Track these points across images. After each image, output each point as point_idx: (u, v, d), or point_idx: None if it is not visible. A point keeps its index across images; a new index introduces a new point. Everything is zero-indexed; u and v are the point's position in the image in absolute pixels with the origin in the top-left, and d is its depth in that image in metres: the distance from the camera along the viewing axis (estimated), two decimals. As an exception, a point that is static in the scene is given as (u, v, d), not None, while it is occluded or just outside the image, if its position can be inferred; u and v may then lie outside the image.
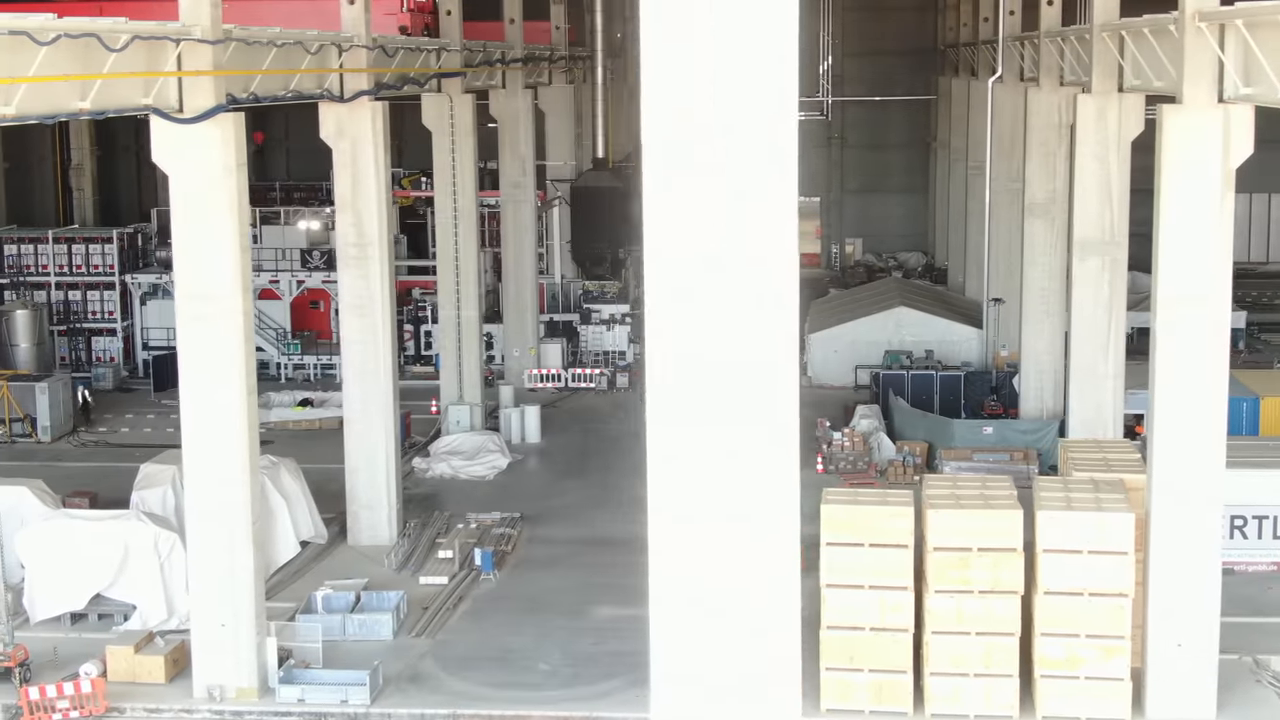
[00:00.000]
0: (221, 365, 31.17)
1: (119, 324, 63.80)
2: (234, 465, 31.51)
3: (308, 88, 37.91)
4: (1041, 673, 30.33)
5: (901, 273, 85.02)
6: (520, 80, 59.72)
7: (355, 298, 41.19)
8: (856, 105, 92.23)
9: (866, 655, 30.62)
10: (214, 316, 30.98)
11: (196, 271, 30.88)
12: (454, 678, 33.40)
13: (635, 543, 41.83)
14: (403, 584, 38.82)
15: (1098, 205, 38.92)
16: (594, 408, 58.93)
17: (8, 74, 23.79)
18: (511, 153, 59.75)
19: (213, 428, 31.38)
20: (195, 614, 32.09)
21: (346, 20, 40.16)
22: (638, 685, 32.75)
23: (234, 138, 30.79)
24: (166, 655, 32.98)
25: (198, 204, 30.69)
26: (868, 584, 30.49)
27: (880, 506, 30.55)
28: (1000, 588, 30.12)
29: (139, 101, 29.06)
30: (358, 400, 41.67)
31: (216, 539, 31.63)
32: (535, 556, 41.60)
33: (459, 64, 50.25)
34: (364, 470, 41.90)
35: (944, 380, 54.42)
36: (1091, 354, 39.45)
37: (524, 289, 60.84)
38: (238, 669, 31.99)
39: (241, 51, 32.35)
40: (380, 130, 40.63)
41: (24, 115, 24.60)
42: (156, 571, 35.91)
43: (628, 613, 36.98)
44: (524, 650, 35.01)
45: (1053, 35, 46.74)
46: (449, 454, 50.08)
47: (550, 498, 47.08)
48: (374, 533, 41.98)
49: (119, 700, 32.24)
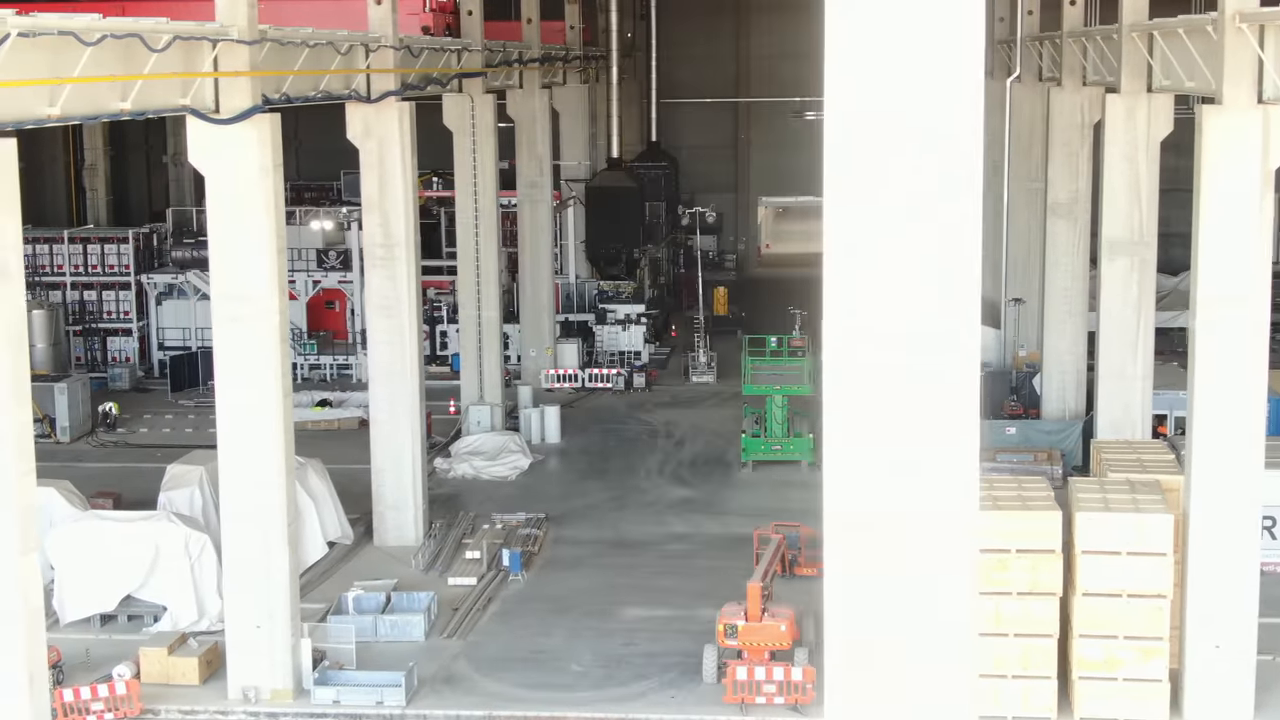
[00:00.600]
0: (257, 366, 31.09)
1: (134, 324, 63.73)
2: (270, 466, 31.46)
3: (335, 88, 37.85)
4: (1080, 674, 30.30)
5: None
6: (537, 80, 59.68)
7: (382, 298, 41.11)
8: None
9: (904, 657, 30.50)
10: (250, 318, 30.88)
11: (232, 272, 30.78)
12: (488, 679, 33.36)
13: (660, 544, 42.29)
14: (431, 585, 38.77)
15: (1126, 205, 38.88)
16: (612, 408, 58.87)
17: (52, 74, 23.73)
18: (529, 153, 59.69)
19: (248, 429, 31.31)
20: (230, 615, 32.04)
21: (374, 20, 40.10)
22: (671, 686, 32.83)
23: (270, 138, 30.74)
24: (200, 657, 32.94)
25: (234, 205, 30.60)
26: (905, 585, 30.36)
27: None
28: (1039, 589, 30.08)
29: (176, 102, 29.00)
30: (384, 401, 41.60)
31: (252, 540, 31.58)
32: (561, 557, 41.55)
33: (480, 64, 50.20)
34: (390, 470, 41.83)
35: (964, 380, 54.25)
36: (1120, 355, 39.40)
37: (540, 289, 60.76)
38: (273, 670, 31.95)
39: (274, 52, 32.29)
40: (407, 130, 40.60)
41: (68, 116, 24.54)
42: (187, 573, 35.84)
43: (657, 614, 37.14)
44: (555, 651, 34.97)
45: (1076, 35, 46.69)
46: (470, 454, 50.03)
47: (573, 498, 47.03)
48: (400, 533, 41.93)
49: (153, 702, 32.20)
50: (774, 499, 46.30)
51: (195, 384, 60.56)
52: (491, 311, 52.19)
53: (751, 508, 45.45)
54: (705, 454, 51.79)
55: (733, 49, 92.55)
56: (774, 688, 31.12)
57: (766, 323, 68.76)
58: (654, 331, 67.57)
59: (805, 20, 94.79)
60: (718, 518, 44.82)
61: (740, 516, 44.69)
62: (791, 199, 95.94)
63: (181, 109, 29.24)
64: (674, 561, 41.12)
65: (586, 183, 70.29)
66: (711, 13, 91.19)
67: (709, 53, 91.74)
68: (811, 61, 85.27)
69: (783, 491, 47.12)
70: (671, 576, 39.89)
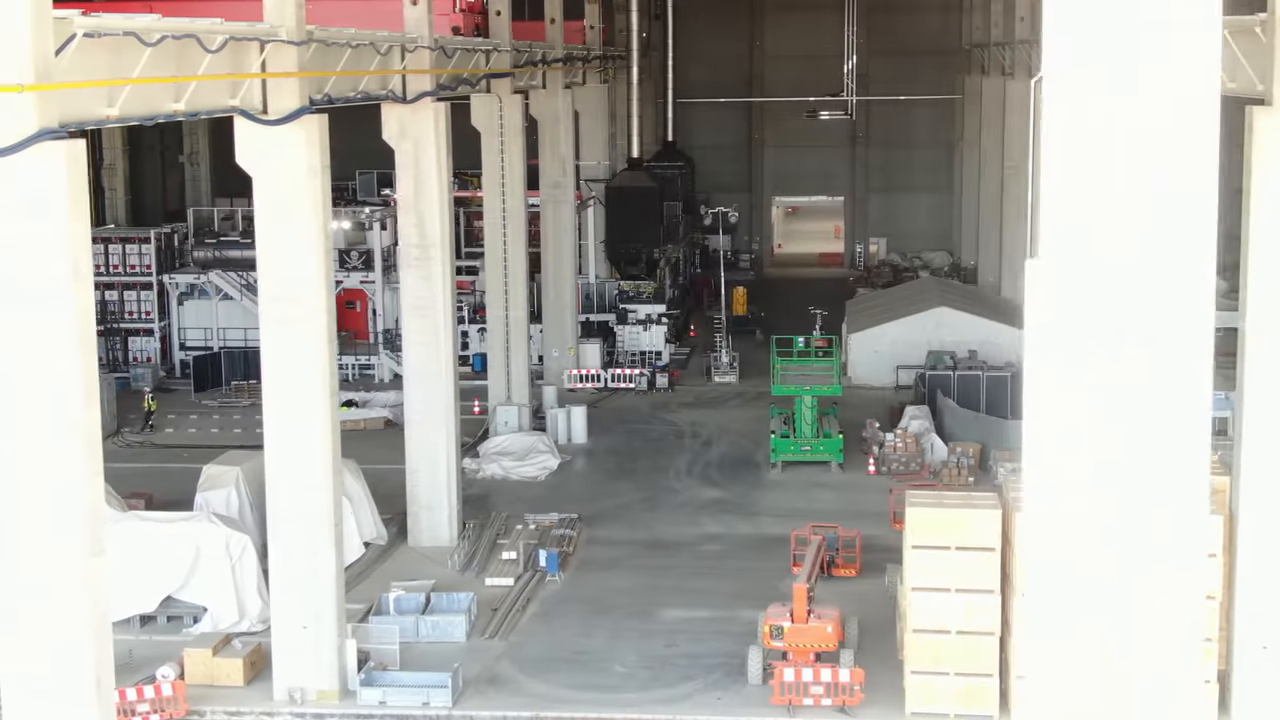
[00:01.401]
0: (305, 367, 31.06)
1: (156, 324, 63.70)
2: (317, 467, 31.43)
3: (373, 89, 37.82)
4: (1128, 675, 30.21)
5: (928, 272, 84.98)
6: (560, 80, 59.65)
7: (417, 299, 41.09)
8: (881, 104, 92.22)
9: (953, 658, 30.58)
10: (297, 319, 30.85)
11: (280, 274, 30.76)
12: (532, 680, 33.34)
13: (694, 545, 42.28)
14: (467, 585, 38.76)
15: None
16: (635, 408, 58.86)
17: (111, 74, 23.70)
18: (552, 153, 59.66)
19: (295, 430, 31.27)
20: (276, 616, 32.02)
21: (410, 21, 40.07)
22: (716, 688, 32.81)
23: (318, 139, 30.74)
24: (244, 658, 32.91)
25: (282, 206, 30.58)
26: (954, 587, 30.43)
27: (967, 509, 30.51)
28: (1088, 590, 29.99)
29: (226, 103, 28.97)
30: (419, 401, 41.59)
31: (298, 541, 31.56)
32: (596, 558, 41.53)
33: (509, 64, 50.18)
34: (424, 471, 41.82)
35: (990, 381, 54.34)
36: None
37: (563, 289, 60.70)
38: (319, 671, 31.93)
39: (318, 53, 32.26)
40: (443, 131, 40.57)
41: (126, 116, 24.53)
42: (228, 574, 35.83)
43: (696, 615, 37.12)
44: (597, 652, 34.96)
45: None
46: (499, 455, 50.02)
47: (603, 499, 47.01)
48: (434, 533, 41.93)
49: (198, 703, 32.18)
50: (805, 500, 46.33)
51: (218, 384, 60.58)
52: (519, 311, 52.19)
53: (783, 509, 45.47)
54: (733, 454, 51.77)
55: (746, 48, 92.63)
56: (822, 689, 31.11)
57: (786, 323, 68.80)
58: (674, 332, 67.54)
59: (818, 20, 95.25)
60: (750, 518, 44.80)
61: (772, 517, 44.70)
62: (805, 198, 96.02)
63: (230, 110, 29.22)
64: (709, 562, 41.09)
65: (606, 183, 70.25)
66: (725, 12, 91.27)
67: (722, 52, 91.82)
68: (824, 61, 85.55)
69: (813, 492, 47.14)
70: (708, 577, 39.86)
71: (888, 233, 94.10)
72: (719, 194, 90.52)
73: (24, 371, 20.88)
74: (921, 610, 30.62)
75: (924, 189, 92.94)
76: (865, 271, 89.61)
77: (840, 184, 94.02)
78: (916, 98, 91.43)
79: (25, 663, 21.57)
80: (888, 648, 34.30)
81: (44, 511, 21.11)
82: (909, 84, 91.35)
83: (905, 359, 60.25)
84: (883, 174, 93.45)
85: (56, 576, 21.26)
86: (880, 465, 48.32)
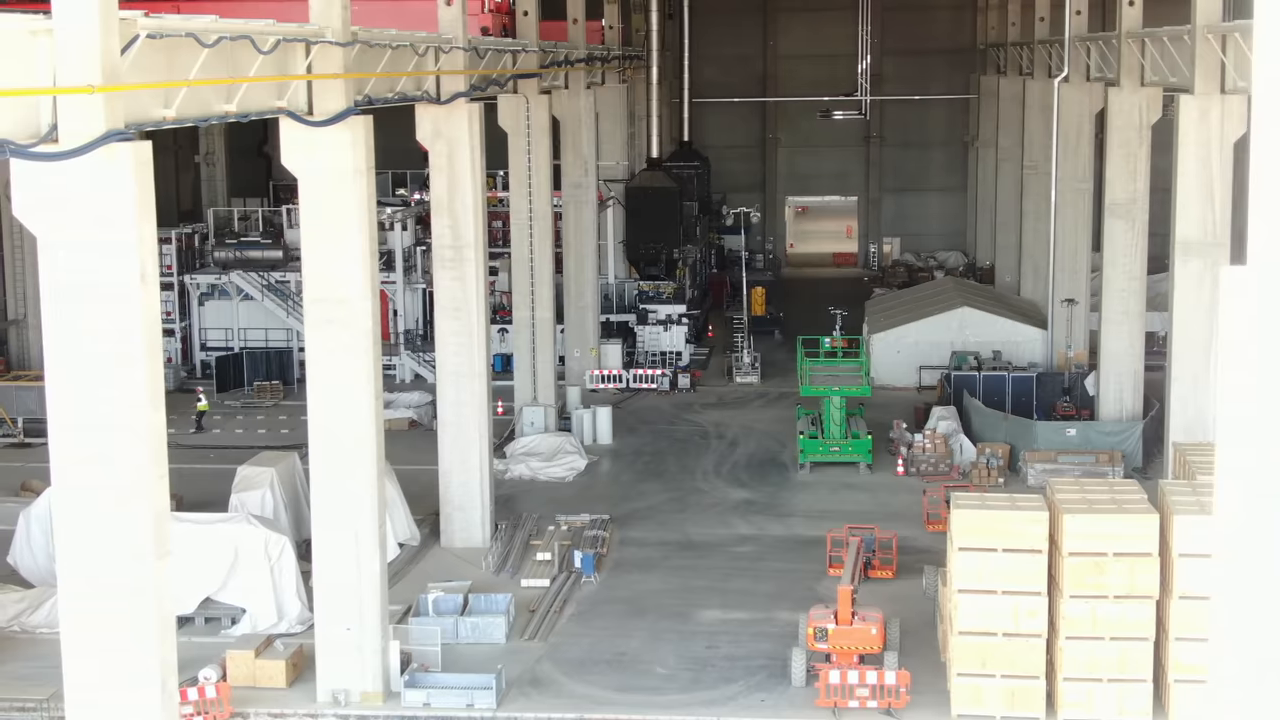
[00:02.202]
0: (349, 368, 30.97)
1: (177, 324, 63.60)
2: (361, 468, 31.36)
3: (408, 90, 37.75)
4: (1175, 677, 30.22)
5: (943, 272, 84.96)
6: (583, 80, 59.56)
7: (450, 300, 41.01)
8: (894, 104, 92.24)
9: (999, 660, 30.52)
10: (342, 320, 30.76)
11: (325, 276, 30.67)
12: (574, 681, 33.28)
13: (726, 546, 42.21)
14: (502, 586, 38.70)
15: (1199, 207, 38.81)
16: (658, 409, 58.79)
17: (167, 75, 23.62)
18: (574, 153, 59.54)
19: (340, 431, 31.19)
20: (320, 618, 31.93)
21: (444, 22, 40.02)
22: (759, 690, 32.77)
23: (364, 140, 30.64)
24: (287, 659, 32.85)
25: (327, 207, 30.49)
26: (1001, 589, 30.38)
27: (1014, 511, 30.45)
28: (1136, 593, 30.01)
29: (273, 104, 28.86)
30: (452, 402, 41.53)
31: (342, 543, 31.48)
32: (630, 559, 41.47)
33: (536, 65, 50.11)
34: (457, 472, 41.78)
35: (1015, 381, 54.31)
36: (1192, 358, 39.30)
37: (585, 289, 60.59)
38: (362, 673, 31.85)
39: (360, 54, 32.19)
40: (476, 132, 40.50)
41: (182, 118, 24.43)
42: (267, 575, 35.77)
43: (734, 616, 37.08)
44: (637, 654, 34.90)
45: (1135, 35, 46.59)
46: (526, 455, 49.97)
47: (632, 500, 46.95)
48: (467, 534, 41.89)
49: (241, 705, 32.11)
50: (834, 501, 46.29)
51: (241, 384, 60.50)
52: (545, 312, 52.13)
53: (814, 510, 45.44)
54: (759, 455, 51.70)
55: (760, 49, 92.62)
56: (867, 691, 31.05)
57: (804, 323, 68.77)
58: (694, 332, 67.46)
59: (832, 20, 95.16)
60: (781, 519, 44.73)
61: (803, 518, 44.66)
62: (817, 198, 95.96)
63: (277, 111, 29.10)
64: (743, 563, 41.02)
65: (626, 183, 70.17)
66: (739, 12, 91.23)
67: (736, 52, 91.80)
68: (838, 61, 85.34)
69: (842, 494, 47.10)
70: (742, 578, 39.81)
71: (901, 232, 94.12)
72: (733, 194, 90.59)
73: (91, 373, 20.81)
74: (968, 612, 30.56)
75: (937, 188, 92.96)
76: (880, 271, 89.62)
77: (854, 183, 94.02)
78: (930, 97, 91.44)
79: (91, 665, 21.51)
80: (927, 649, 34.26)
81: (110, 514, 21.04)
82: (923, 83, 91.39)
83: (928, 359, 60.25)
84: (896, 173, 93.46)
85: (123, 579, 21.18)
86: (909, 466, 48.27)
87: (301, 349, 63.12)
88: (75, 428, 20.93)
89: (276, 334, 63.51)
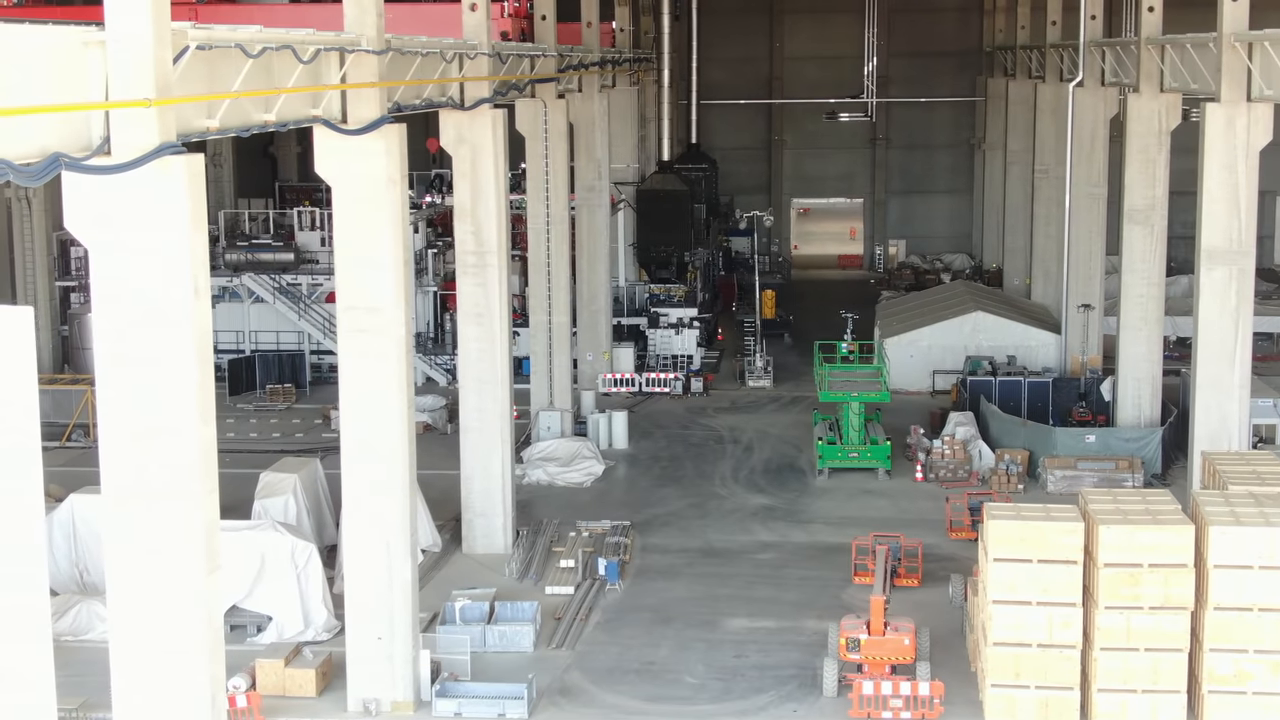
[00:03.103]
0: (382, 377, 30.90)
1: (188, 327, 63.25)
2: (393, 477, 31.30)
3: (433, 96, 37.64)
4: (1209, 688, 30.21)
5: (949, 275, 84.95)
6: (596, 83, 59.48)
7: (473, 306, 40.93)
8: (900, 106, 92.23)
9: (1033, 671, 30.48)
10: (375, 329, 30.69)
11: (359, 284, 30.58)
12: (604, 691, 33.21)
13: (749, 553, 42.15)
14: (526, 593, 38.61)
15: (1225, 214, 38.74)
16: (672, 413, 58.70)
17: (209, 86, 23.50)
18: (587, 156, 59.42)
19: (372, 439, 31.13)
20: (350, 626, 31.83)
21: (468, 27, 39.98)
22: (790, 700, 32.72)
23: (398, 149, 30.55)
24: (317, 668, 32.74)
25: (361, 216, 30.39)
26: (1035, 600, 30.33)
27: (1050, 522, 30.40)
28: (1170, 603, 29.98)
29: (308, 113, 28.71)
30: (474, 408, 41.45)
31: (375, 551, 31.40)
32: (654, 566, 41.40)
33: (554, 69, 50.01)
34: (479, 478, 41.70)
35: (1031, 386, 54.28)
36: (1218, 365, 39.21)
37: (598, 293, 60.48)
38: (393, 682, 31.76)
39: (394, 61, 32.09)
40: (500, 138, 40.39)
41: (225, 129, 24.29)
42: (293, 582, 35.66)
43: (761, 625, 37.03)
44: (666, 663, 34.82)
45: (1155, 42, 46.56)
46: (544, 460, 49.87)
47: (651, 505, 46.86)
48: (489, 541, 41.79)
49: (271, 714, 32.00)
50: (855, 507, 46.23)
51: (253, 387, 60.35)
52: (562, 316, 52.03)
53: (834, 516, 45.38)
54: (776, 460, 51.63)
55: (766, 50, 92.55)
56: (901, 702, 31.00)
57: (813, 326, 68.80)
58: (705, 335, 67.36)
59: (838, 22, 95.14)
60: (802, 526, 44.67)
61: (825, 525, 44.61)
62: (822, 200, 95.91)
63: (313, 120, 28.96)
64: (766, 571, 40.96)
65: (637, 186, 70.04)
66: (744, 14, 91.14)
67: (742, 54, 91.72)
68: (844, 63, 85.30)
69: (862, 499, 47.04)
70: (767, 586, 39.74)
71: (906, 235, 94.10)
72: (738, 196, 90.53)
73: (143, 386, 20.71)
74: (1002, 623, 30.51)
75: (943, 191, 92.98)
76: (886, 274, 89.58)
77: (859, 186, 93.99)
78: (936, 99, 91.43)
79: (141, 679, 21.40)
80: (956, 659, 34.22)
81: (161, 526, 20.93)
82: (928, 85, 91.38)
83: (941, 364, 60.23)
84: (902, 176, 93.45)
85: (173, 592, 21.07)
86: (927, 472, 48.24)
87: (313, 351, 63.17)
88: (125, 440, 20.81)
89: (288, 337, 63.37)
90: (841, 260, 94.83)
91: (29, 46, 18.53)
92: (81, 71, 19.91)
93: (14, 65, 18.16)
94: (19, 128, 18.11)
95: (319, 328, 62.59)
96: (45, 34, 19.10)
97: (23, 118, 18.12)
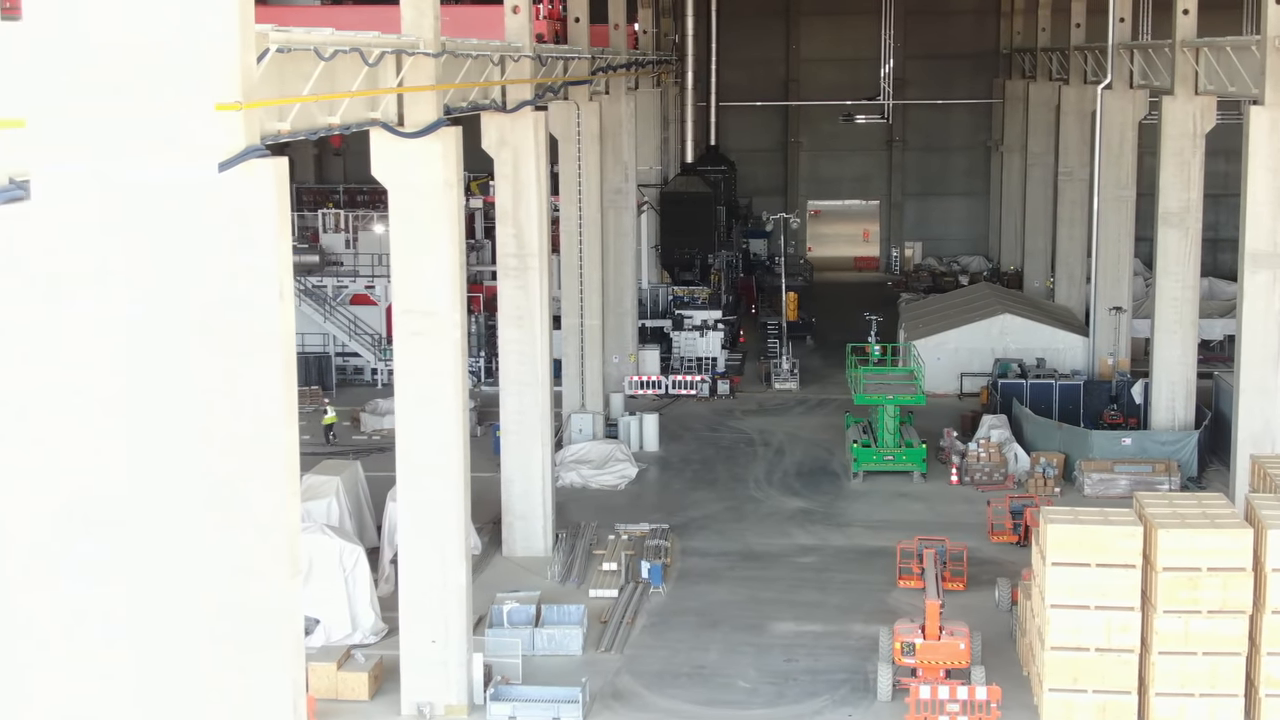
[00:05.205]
0: (437, 380, 30.83)
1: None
2: (449, 482, 31.22)
3: (478, 98, 37.57)
4: (1266, 692, 30.18)
5: (966, 277, 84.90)
6: (623, 85, 59.42)
7: (514, 308, 40.85)
8: (917, 108, 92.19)
9: (1091, 676, 30.43)
10: (431, 332, 30.62)
11: (416, 287, 30.52)
12: (657, 695, 33.16)
13: (789, 556, 42.10)
14: (569, 596, 38.57)
15: (1270, 218, 38.69)
16: (700, 415, 58.63)
17: (279, 88, 23.42)
18: (614, 158, 59.28)
19: (427, 443, 31.05)
20: (404, 630, 31.79)
21: (511, 30, 39.89)
22: (844, 704, 32.68)
23: (454, 152, 30.48)
24: (369, 672, 32.68)
25: (417, 219, 30.33)
26: (1094, 604, 30.28)
27: (1108, 526, 30.35)
28: (1229, 607, 29.93)
29: (366, 116, 28.64)
30: (514, 411, 41.37)
31: (429, 556, 31.34)
32: (695, 569, 41.34)
33: (587, 71, 49.97)
34: (519, 481, 41.62)
35: (1062, 389, 54.22)
36: (1261, 369, 39.16)
37: (624, 295, 60.37)
38: (447, 686, 31.72)
39: (448, 64, 32.04)
40: (542, 140, 40.36)
41: (295, 131, 24.23)
42: (341, 585, 35.59)
43: (808, 628, 36.99)
44: (716, 667, 34.77)
45: (1190, 45, 46.51)
46: (577, 463, 49.81)
47: (687, 509, 46.78)
48: (528, 543, 41.74)
49: (324, 718, 31.94)
50: (892, 510, 46.19)
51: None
52: (594, 319, 52.01)
53: (872, 519, 45.34)
54: (808, 463, 51.57)
55: (783, 52, 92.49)
56: (958, 706, 30.95)
57: (836, 328, 68.77)
58: (729, 337, 67.32)
59: (854, 24, 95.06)
60: (841, 529, 44.60)
61: (863, 528, 44.56)
62: (837, 202, 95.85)
63: (371, 123, 28.88)
64: (808, 574, 40.90)
65: (661, 188, 69.99)
66: (761, 16, 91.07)
67: (759, 56, 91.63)
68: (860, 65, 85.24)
69: (898, 503, 46.99)
70: (810, 589, 39.69)
71: (923, 236, 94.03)
72: (755, 198, 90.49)
73: (229, 391, 20.60)
74: (1060, 627, 30.45)
75: (960, 193, 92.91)
76: (903, 276, 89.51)
77: (876, 188, 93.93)
78: (953, 101, 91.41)
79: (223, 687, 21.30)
80: (1007, 663, 34.18)
81: (245, 532, 20.84)
82: (945, 87, 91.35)
83: (968, 366, 60.17)
84: (918, 177, 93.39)
85: (256, 599, 20.97)
86: (963, 475, 48.19)
87: (338, 353, 63.10)
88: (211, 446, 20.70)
89: (313, 339, 63.28)
90: (858, 262, 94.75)
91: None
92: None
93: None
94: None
95: (344, 330, 62.49)
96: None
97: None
